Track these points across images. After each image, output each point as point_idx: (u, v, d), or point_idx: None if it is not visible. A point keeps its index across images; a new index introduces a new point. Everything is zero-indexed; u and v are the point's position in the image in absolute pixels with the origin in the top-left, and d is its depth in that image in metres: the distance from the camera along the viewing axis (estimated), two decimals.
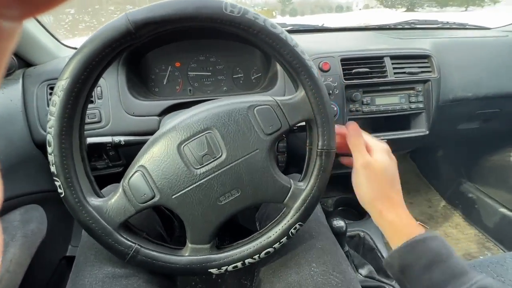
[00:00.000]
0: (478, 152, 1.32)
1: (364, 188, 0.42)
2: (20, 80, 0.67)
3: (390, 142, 0.81)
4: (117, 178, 0.64)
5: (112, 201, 0.39)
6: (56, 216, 0.75)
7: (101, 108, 0.68)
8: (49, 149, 0.36)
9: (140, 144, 0.65)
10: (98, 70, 0.35)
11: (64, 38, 0.86)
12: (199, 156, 0.39)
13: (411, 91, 0.81)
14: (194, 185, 0.39)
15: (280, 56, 0.38)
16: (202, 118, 0.40)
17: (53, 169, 0.36)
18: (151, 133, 0.72)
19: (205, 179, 0.39)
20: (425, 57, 0.82)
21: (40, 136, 0.66)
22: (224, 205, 0.40)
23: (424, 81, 0.81)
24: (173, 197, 0.39)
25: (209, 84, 0.85)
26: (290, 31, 1.17)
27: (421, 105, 0.81)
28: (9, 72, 0.67)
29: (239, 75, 0.86)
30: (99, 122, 0.68)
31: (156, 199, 0.39)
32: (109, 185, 0.57)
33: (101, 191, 0.43)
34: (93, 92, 0.62)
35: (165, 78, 0.82)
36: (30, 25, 0.68)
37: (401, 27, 1.21)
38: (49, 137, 0.35)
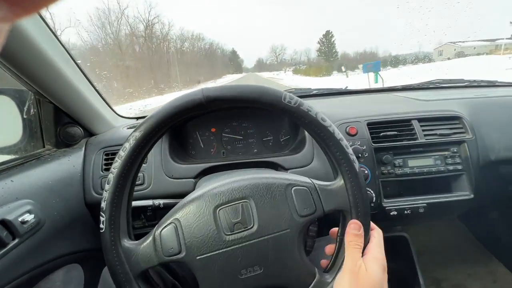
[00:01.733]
0: None
1: None
2: (83, 148, 0.79)
3: (432, 207, 0.77)
4: None
5: (141, 247, 0.41)
6: (91, 277, 0.77)
7: (145, 171, 0.76)
8: (107, 187, 0.40)
9: None
10: (165, 129, 0.40)
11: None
12: (232, 223, 0.40)
13: (446, 153, 0.78)
14: (220, 251, 0.39)
15: (325, 146, 0.41)
16: (242, 186, 0.42)
17: (103, 204, 0.40)
18: (187, 194, 0.77)
19: (231, 248, 0.39)
20: (456, 118, 0.81)
21: (91, 198, 0.74)
22: (244, 280, 0.39)
23: (459, 142, 0.78)
24: (197, 258, 0.39)
25: (240, 147, 0.91)
26: (315, 95, 1.26)
27: (459, 167, 0.77)
28: (76, 141, 0.79)
29: (269, 138, 0.92)
30: (142, 184, 0.75)
31: (181, 255, 0.39)
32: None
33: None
34: None
35: (201, 142, 0.90)
36: (93, 98, 0.82)
37: (425, 87, 1.24)
38: (110, 176, 0.40)
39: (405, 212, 0.74)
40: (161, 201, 0.67)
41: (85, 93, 0.75)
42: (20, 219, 0.52)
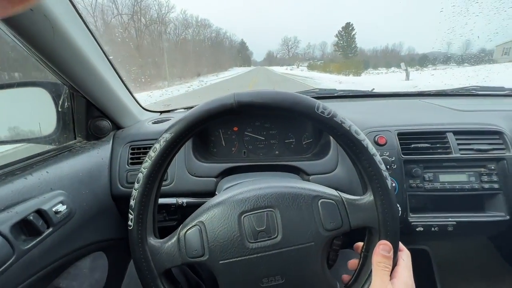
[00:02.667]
0: None
1: None
2: (111, 141, 0.81)
3: (461, 226, 0.73)
4: (170, 230, 0.69)
5: (166, 246, 0.41)
6: (114, 264, 0.80)
7: (169, 168, 0.77)
8: (136, 186, 0.41)
9: (199, 206, 0.70)
10: (194, 131, 0.41)
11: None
12: (256, 231, 0.40)
13: (482, 169, 0.73)
14: (243, 258, 0.39)
15: (357, 159, 0.40)
16: (268, 195, 0.41)
17: (132, 203, 0.41)
18: (208, 193, 0.78)
19: (254, 256, 0.39)
20: (496, 133, 0.75)
21: (117, 190, 0.76)
22: None
23: (498, 160, 0.73)
24: (220, 262, 0.39)
25: (262, 147, 0.90)
26: (339, 97, 1.21)
27: (496, 186, 0.72)
28: (105, 134, 0.81)
29: (291, 140, 0.90)
30: (165, 180, 0.76)
31: (204, 258, 0.40)
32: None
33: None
34: None
35: (223, 140, 0.90)
36: (122, 93, 0.84)
37: (460, 93, 1.16)
38: (140, 176, 0.41)
39: (432, 229, 0.70)
40: (184, 200, 0.68)
41: (115, 88, 0.77)
42: (54, 209, 0.54)
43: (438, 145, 0.73)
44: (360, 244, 0.43)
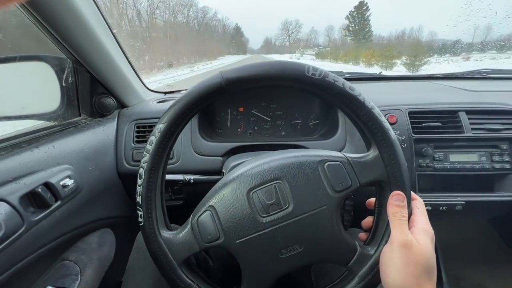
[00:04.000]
0: None
1: (396, 271, 0.35)
2: (116, 119, 0.80)
3: (470, 206, 0.72)
4: (175, 210, 0.69)
5: (180, 236, 0.41)
6: (121, 242, 0.81)
7: (174, 147, 0.77)
8: (139, 181, 0.40)
9: (206, 183, 0.70)
10: (190, 116, 0.40)
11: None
12: (267, 205, 0.39)
13: (494, 150, 0.72)
14: (258, 233, 0.39)
15: (356, 116, 0.39)
16: (273, 167, 0.41)
17: (138, 199, 0.41)
18: (214, 171, 0.78)
19: (269, 229, 0.39)
20: (509, 113, 0.74)
21: (123, 168, 0.76)
22: (285, 259, 0.39)
23: (511, 139, 0.72)
24: (236, 242, 0.39)
25: (268, 128, 0.89)
26: (347, 79, 1.19)
27: (507, 166, 0.71)
28: (110, 112, 0.80)
29: (297, 121, 0.89)
30: (171, 159, 0.76)
31: (220, 241, 0.40)
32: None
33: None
34: None
35: (229, 121, 0.89)
36: (127, 70, 0.82)
37: (471, 76, 1.13)
38: (141, 171, 0.40)
39: (441, 208, 0.70)
40: (191, 177, 0.67)
41: (120, 64, 0.75)
42: (61, 183, 0.54)
43: (449, 124, 0.72)
44: (373, 200, 0.43)
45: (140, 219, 0.41)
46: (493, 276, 1.20)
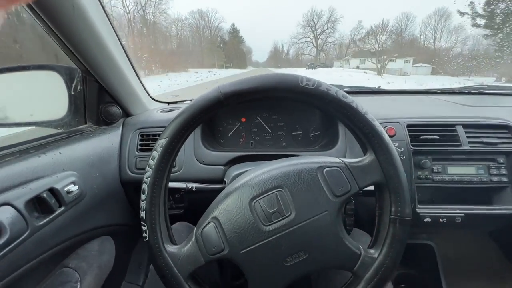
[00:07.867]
0: None
1: None
2: (121, 127, 0.82)
3: (469, 218, 0.73)
4: (175, 219, 0.69)
5: (185, 249, 0.41)
6: (121, 250, 0.81)
7: (177, 156, 0.78)
8: (143, 196, 0.41)
9: (208, 192, 0.70)
10: (190, 130, 0.41)
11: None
12: (269, 213, 0.40)
13: (491, 163, 0.73)
14: (262, 242, 0.39)
15: (350, 123, 0.40)
16: (273, 176, 0.42)
17: (142, 214, 0.41)
18: (216, 180, 0.79)
19: (273, 237, 0.39)
20: (505, 127, 0.76)
21: (126, 175, 0.77)
22: (291, 267, 0.39)
23: (507, 153, 0.73)
24: (241, 252, 0.39)
25: (269, 139, 0.90)
26: (346, 92, 1.22)
27: (504, 179, 0.72)
28: (115, 120, 0.82)
29: (298, 132, 0.90)
30: (174, 167, 0.77)
31: (225, 252, 0.40)
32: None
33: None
34: None
35: (231, 131, 0.91)
36: (133, 81, 0.84)
37: (467, 92, 1.16)
38: (145, 186, 0.41)
39: (440, 220, 0.70)
40: (194, 185, 0.68)
41: (128, 75, 0.78)
42: (66, 189, 0.55)
43: (447, 138, 0.74)
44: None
45: (144, 234, 0.41)
46: None
